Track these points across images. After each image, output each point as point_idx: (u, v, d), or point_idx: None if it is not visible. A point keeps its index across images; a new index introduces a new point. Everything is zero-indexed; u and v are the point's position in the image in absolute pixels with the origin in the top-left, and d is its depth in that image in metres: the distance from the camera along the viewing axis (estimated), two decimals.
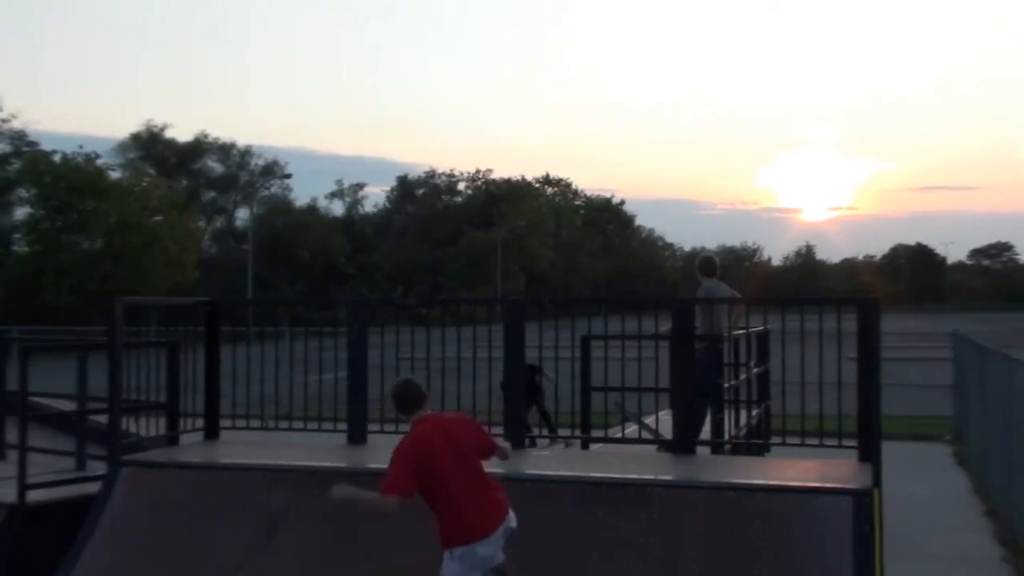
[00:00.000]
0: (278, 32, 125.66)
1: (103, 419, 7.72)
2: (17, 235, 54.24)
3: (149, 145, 71.81)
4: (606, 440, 8.39)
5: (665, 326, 7.79)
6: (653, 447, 8.13)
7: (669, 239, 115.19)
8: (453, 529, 5.07)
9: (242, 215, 75.21)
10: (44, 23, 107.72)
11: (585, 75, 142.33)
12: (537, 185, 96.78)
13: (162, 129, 72.00)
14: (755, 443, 8.68)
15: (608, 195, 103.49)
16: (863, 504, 5.74)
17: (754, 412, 9.34)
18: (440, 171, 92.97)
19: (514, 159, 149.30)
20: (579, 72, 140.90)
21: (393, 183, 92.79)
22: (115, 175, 58.77)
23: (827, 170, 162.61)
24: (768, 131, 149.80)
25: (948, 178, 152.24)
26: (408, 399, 5.26)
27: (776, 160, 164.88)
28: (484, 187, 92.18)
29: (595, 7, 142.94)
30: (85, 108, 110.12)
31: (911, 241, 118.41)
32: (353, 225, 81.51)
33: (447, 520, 5.08)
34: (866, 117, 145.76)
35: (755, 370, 9.25)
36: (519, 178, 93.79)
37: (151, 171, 63.77)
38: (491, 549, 5.14)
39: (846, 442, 6.99)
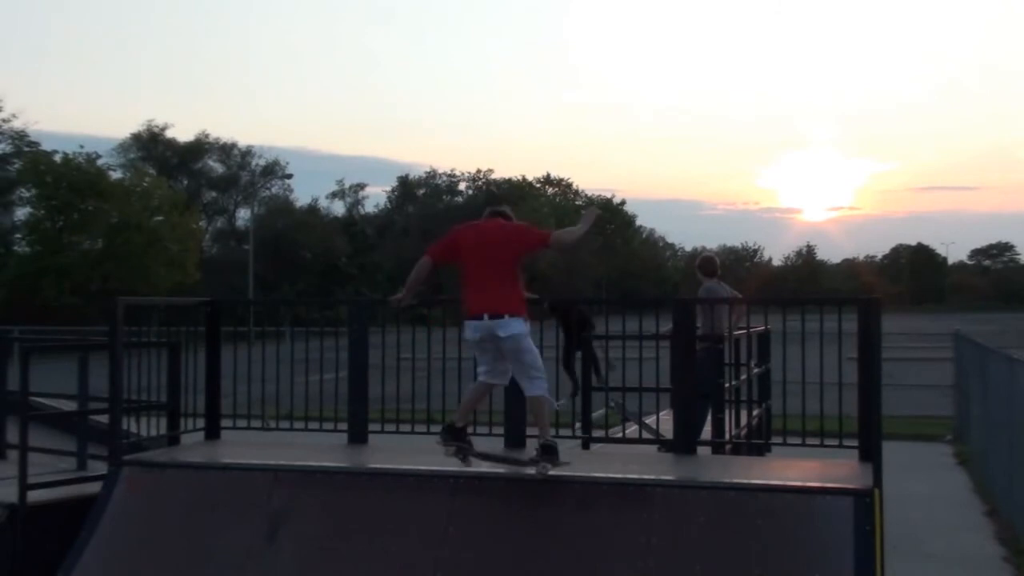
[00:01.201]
0: (279, 32, 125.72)
1: (104, 419, 7.72)
2: (18, 235, 54.29)
3: (150, 145, 71.88)
4: (607, 440, 8.39)
5: (666, 326, 7.79)
6: (654, 447, 8.13)
7: (670, 239, 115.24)
8: (463, 302, 6.31)
9: (243, 215, 75.37)
10: (45, 23, 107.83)
11: (586, 75, 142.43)
12: (538, 185, 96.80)
13: (163, 129, 72.14)
14: (756, 443, 8.68)
15: (609, 195, 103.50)
16: (864, 504, 5.73)
17: (755, 412, 9.34)
18: (441, 171, 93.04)
19: (515, 159, 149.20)
20: (580, 72, 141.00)
21: (394, 183, 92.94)
22: (116, 175, 58.90)
23: (828, 170, 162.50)
24: (769, 131, 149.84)
25: (948, 178, 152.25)
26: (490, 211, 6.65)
27: (777, 160, 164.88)
28: (485, 187, 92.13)
29: (596, 7, 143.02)
30: (85, 108, 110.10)
31: (912, 241, 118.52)
32: (354, 225, 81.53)
33: (463, 294, 6.30)
34: (866, 117, 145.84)
35: (756, 370, 9.24)
36: (520, 178, 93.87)
37: (152, 171, 63.82)
38: (472, 333, 6.24)
39: (847, 442, 6.99)
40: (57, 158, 52.96)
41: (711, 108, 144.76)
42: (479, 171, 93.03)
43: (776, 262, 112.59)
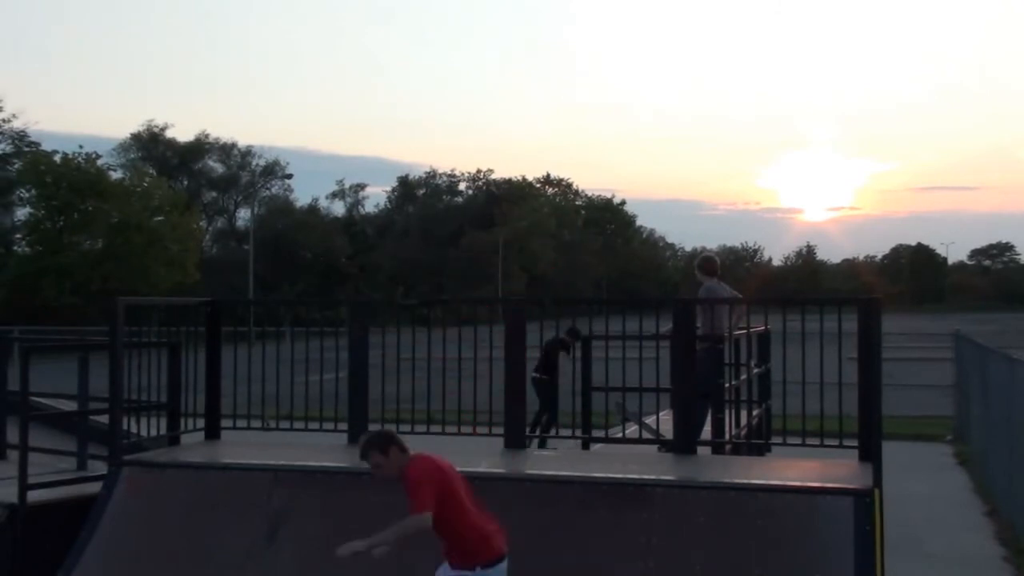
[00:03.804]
0: (279, 33, 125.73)
1: (104, 419, 7.72)
2: (18, 235, 54.30)
3: (150, 145, 71.94)
4: (607, 440, 8.39)
5: (666, 326, 7.79)
6: (654, 447, 8.13)
7: (670, 239, 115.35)
8: (474, 541, 5.01)
9: (243, 215, 75.48)
10: (45, 23, 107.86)
11: (586, 75, 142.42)
12: (538, 185, 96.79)
13: (163, 129, 72.22)
14: (756, 443, 8.68)
15: (609, 195, 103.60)
16: (864, 504, 5.74)
17: (755, 412, 9.33)
18: (441, 171, 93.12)
19: (515, 159, 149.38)
20: (580, 72, 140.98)
21: (394, 183, 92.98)
22: (116, 175, 58.93)
23: (828, 170, 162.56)
24: (769, 131, 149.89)
25: (948, 178, 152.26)
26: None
27: (777, 160, 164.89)
28: (485, 187, 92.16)
29: (597, 7, 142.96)
30: (86, 108, 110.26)
31: (912, 241, 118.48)
32: (354, 225, 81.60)
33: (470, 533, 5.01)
34: (866, 117, 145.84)
35: (756, 370, 9.24)
36: (520, 178, 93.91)
37: (152, 171, 63.85)
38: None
39: (847, 442, 6.99)
40: (57, 158, 52.99)
41: (711, 108, 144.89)
42: (479, 171, 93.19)
43: (776, 262, 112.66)
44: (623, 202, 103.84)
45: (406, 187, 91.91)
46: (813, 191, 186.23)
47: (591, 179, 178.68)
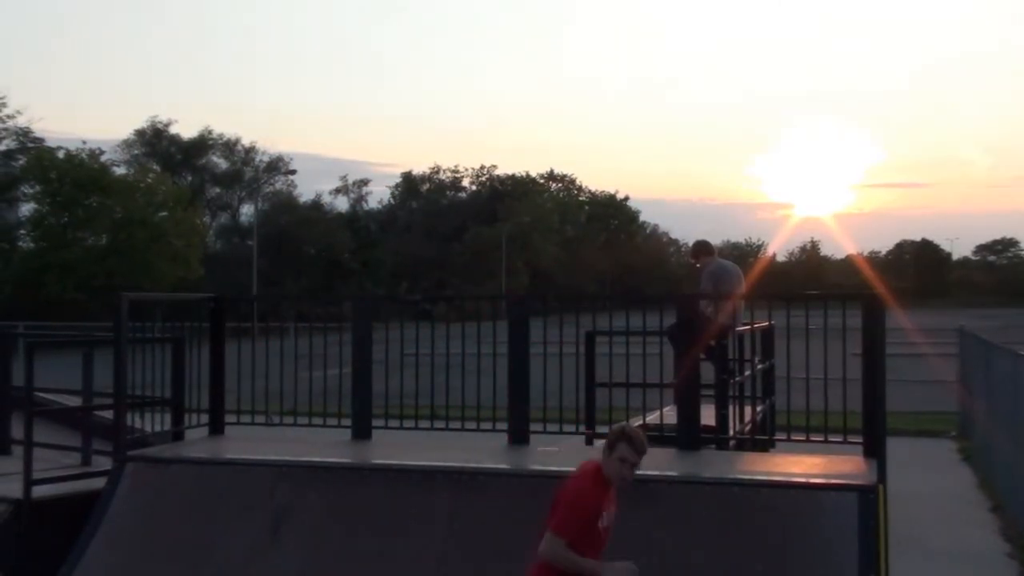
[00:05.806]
0: (283, 29, 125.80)
1: (108, 415, 7.73)
2: (22, 231, 54.41)
3: (154, 141, 71.98)
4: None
5: (670, 322, 7.77)
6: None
7: (673, 235, 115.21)
8: None
9: (246, 211, 75.53)
10: (49, 20, 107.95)
11: (589, 71, 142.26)
12: (541, 181, 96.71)
13: (167, 125, 72.25)
14: (760, 439, 8.66)
15: (612, 191, 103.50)
16: (868, 500, 5.73)
17: (759, 408, 9.32)
18: (444, 167, 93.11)
19: (518, 155, 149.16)
20: (583, 68, 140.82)
21: (397, 179, 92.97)
22: (120, 171, 59.02)
23: (832, 165, 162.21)
24: (773, 126, 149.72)
25: (952, 173, 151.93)
26: None
27: (781, 156, 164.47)
28: (488, 183, 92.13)
29: (598, 3, 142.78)
30: (90, 105, 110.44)
31: (916, 237, 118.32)
32: (357, 221, 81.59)
33: None
34: (871, 112, 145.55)
35: (760, 366, 9.23)
36: (523, 174, 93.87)
37: (156, 167, 63.94)
38: None
39: (851, 438, 6.98)
40: (61, 155, 53.06)
41: (715, 103, 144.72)
42: (483, 167, 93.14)
43: (780, 258, 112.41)
44: (626, 198, 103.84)
45: (410, 183, 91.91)
46: (817, 186, 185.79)
47: (594, 175, 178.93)
